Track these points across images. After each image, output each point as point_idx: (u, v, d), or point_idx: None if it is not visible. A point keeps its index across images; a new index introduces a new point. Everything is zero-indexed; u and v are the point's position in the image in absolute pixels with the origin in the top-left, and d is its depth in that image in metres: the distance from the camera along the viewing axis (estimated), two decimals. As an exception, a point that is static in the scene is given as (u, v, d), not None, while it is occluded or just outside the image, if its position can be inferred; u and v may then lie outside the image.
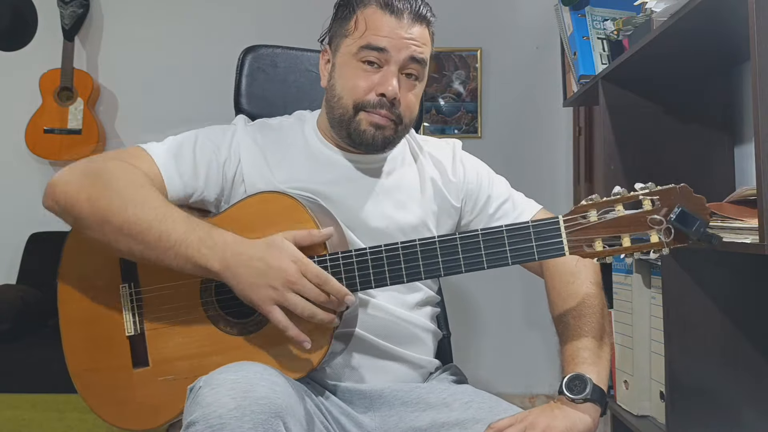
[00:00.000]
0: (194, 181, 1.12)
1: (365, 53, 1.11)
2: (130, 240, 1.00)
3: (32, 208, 3.08)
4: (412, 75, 1.14)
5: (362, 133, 1.13)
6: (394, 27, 1.11)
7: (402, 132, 1.17)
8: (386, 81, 1.10)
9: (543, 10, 3.00)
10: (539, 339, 3.00)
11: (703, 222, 0.93)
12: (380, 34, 1.10)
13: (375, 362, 1.13)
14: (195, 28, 3.21)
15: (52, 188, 1.06)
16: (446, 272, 1.01)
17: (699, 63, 1.69)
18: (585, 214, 0.98)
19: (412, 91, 1.15)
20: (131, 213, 0.99)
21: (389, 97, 1.10)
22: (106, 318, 1.12)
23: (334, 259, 1.02)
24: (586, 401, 1.00)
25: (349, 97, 1.13)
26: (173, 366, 1.07)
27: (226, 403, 0.85)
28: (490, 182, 1.27)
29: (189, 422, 0.86)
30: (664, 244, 0.95)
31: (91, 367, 1.14)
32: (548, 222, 0.99)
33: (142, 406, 1.10)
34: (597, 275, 1.15)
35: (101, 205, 1.01)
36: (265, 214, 1.07)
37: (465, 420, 1.04)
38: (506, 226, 1.00)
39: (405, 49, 1.11)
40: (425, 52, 1.14)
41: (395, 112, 1.13)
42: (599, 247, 0.97)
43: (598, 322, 1.08)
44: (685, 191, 0.95)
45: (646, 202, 0.96)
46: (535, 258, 0.99)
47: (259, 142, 1.18)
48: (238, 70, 1.48)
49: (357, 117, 1.13)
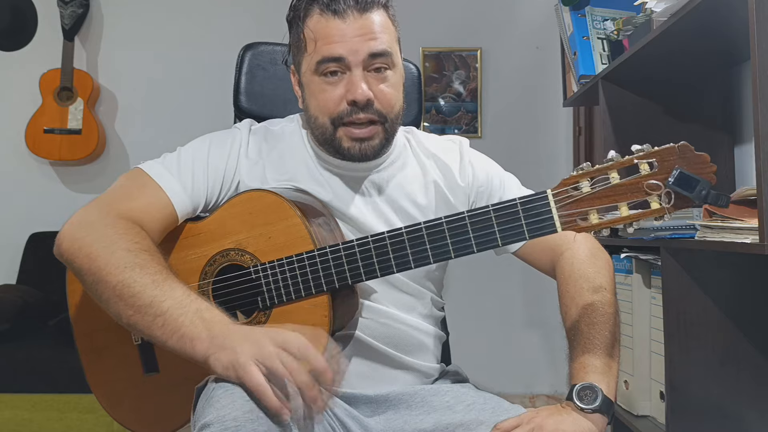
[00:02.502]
0: (198, 193, 1.11)
1: (324, 66, 1.06)
2: (120, 303, 0.95)
3: (32, 208, 3.13)
4: (381, 68, 1.08)
5: (347, 150, 1.09)
6: (342, 29, 1.05)
7: (391, 128, 1.12)
8: (353, 87, 1.05)
9: (543, 10, 3.01)
10: (539, 339, 3.00)
11: (705, 182, 0.86)
12: (331, 42, 1.05)
13: (383, 371, 1.12)
14: (195, 27, 3.20)
15: (60, 240, 1.03)
16: (435, 259, 0.98)
17: (699, 63, 1.69)
18: (576, 185, 0.91)
19: (386, 83, 1.08)
20: (128, 275, 0.95)
21: (361, 103, 1.06)
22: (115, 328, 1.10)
23: (323, 254, 1.01)
24: (595, 412, 0.98)
25: (324, 115, 1.09)
26: (183, 370, 1.06)
27: (242, 405, 0.84)
28: (501, 183, 1.23)
29: (204, 423, 0.84)
30: (665, 210, 0.88)
31: (109, 379, 1.14)
32: (536, 197, 0.93)
33: (157, 412, 1.11)
34: (611, 282, 1.11)
35: (98, 264, 0.97)
36: (250, 212, 1.06)
37: (469, 422, 1.03)
38: (493, 206, 0.95)
39: (361, 48, 1.05)
40: (385, 41, 1.07)
41: (373, 110, 1.08)
42: (594, 220, 0.90)
43: (610, 331, 1.05)
44: (685, 149, 0.87)
45: (643, 166, 0.88)
46: (526, 237, 0.94)
47: (264, 153, 1.16)
48: (238, 68, 1.48)
49: (337, 134, 1.09)
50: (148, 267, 0.96)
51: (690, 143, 0.90)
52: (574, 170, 0.93)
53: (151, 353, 1.11)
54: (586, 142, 2.85)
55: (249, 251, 1.06)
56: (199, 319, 0.90)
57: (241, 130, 1.19)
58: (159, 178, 1.09)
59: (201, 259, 1.09)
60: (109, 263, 0.96)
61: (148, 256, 0.97)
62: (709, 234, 1.25)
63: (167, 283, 0.94)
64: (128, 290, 0.94)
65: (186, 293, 0.94)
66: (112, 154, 3.19)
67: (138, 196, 1.07)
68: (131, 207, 1.05)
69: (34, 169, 3.16)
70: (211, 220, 1.10)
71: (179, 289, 0.94)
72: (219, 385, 0.88)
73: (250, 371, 0.84)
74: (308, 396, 0.86)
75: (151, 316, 0.92)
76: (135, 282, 0.94)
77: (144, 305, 0.93)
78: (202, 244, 1.10)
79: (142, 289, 0.93)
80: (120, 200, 1.07)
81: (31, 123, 3.05)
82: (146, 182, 1.09)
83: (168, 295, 0.92)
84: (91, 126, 3.06)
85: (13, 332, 2.58)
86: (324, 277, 1.02)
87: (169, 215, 1.08)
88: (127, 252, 0.97)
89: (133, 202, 1.06)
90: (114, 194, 1.09)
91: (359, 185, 1.16)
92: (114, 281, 0.95)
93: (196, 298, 0.93)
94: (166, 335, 0.91)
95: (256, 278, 1.05)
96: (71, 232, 1.02)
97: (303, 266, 1.02)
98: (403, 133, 1.23)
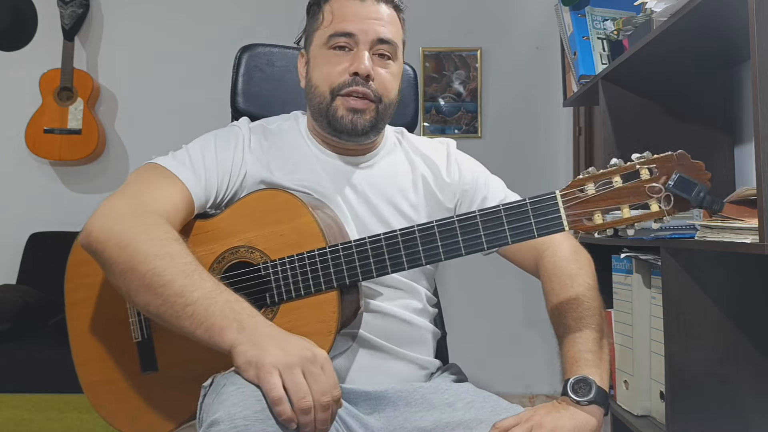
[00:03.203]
0: (210, 184, 1.13)
1: (335, 40, 1.14)
2: (149, 292, 0.95)
3: (32, 208, 3.13)
4: (385, 55, 1.16)
5: (340, 119, 1.14)
6: (359, 10, 1.15)
7: (384, 112, 1.17)
8: (357, 60, 1.13)
9: (543, 10, 3.01)
10: (539, 339, 3.00)
11: (703, 186, 0.92)
12: (346, 20, 1.14)
13: (380, 363, 1.14)
14: (194, 27, 3.21)
15: (88, 230, 1.03)
16: (446, 256, 1.01)
17: (699, 63, 1.69)
18: (582, 188, 0.97)
19: (387, 69, 1.17)
20: (158, 264, 0.95)
21: (362, 74, 1.13)
22: (113, 326, 1.12)
23: (334, 251, 1.03)
24: (591, 404, 1.00)
25: (325, 84, 1.15)
26: (183, 369, 1.07)
27: (252, 404, 0.83)
28: (486, 183, 1.27)
29: (212, 420, 0.84)
30: (664, 212, 0.94)
31: (102, 379, 1.13)
32: (545, 198, 0.98)
33: (154, 411, 1.10)
34: (594, 277, 1.15)
35: (129, 252, 0.98)
36: (264, 210, 1.08)
37: (468, 420, 1.04)
38: (504, 205, 1.00)
39: (372, 29, 1.14)
40: (392, 32, 1.17)
41: (371, 87, 1.14)
42: (599, 220, 0.97)
43: (597, 324, 1.08)
44: (683, 157, 0.94)
45: (644, 171, 0.95)
46: (535, 235, 0.99)
47: (265, 148, 1.19)
48: (235, 69, 1.48)
49: (334, 103, 1.15)
50: (179, 257, 0.97)
51: (690, 143, 0.95)
52: (581, 173, 0.98)
53: (150, 351, 1.11)
54: (586, 142, 2.85)
55: (259, 249, 1.07)
56: (229, 309, 0.91)
57: (240, 126, 1.22)
58: (176, 169, 1.11)
59: (210, 256, 1.09)
60: (139, 251, 0.97)
61: (178, 246, 0.98)
62: (709, 234, 1.25)
63: (197, 274, 0.95)
64: (159, 279, 0.94)
65: (216, 284, 0.95)
66: (112, 154, 3.19)
67: (159, 187, 1.09)
68: (156, 197, 1.07)
69: (34, 169, 3.16)
70: (221, 218, 1.11)
71: (209, 280, 0.95)
72: (231, 382, 0.88)
73: (271, 381, 0.84)
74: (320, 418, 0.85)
75: (180, 305, 0.93)
76: (165, 271, 0.95)
77: (174, 294, 0.93)
78: (211, 241, 1.10)
79: (172, 278, 0.94)
80: (144, 191, 1.08)
81: (31, 123, 3.05)
82: (164, 174, 1.11)
83: (198, 285, 0.93)
84: (91, 126, 3.06)
85: (13, 332, 2.58)
86: (335, 274, 1.03)
87: (188, 206, 1.10)
88: (157, 241, 0.98)
89: (156, 192, 1.08)
90: (136, 186, 1.10)
91: (351, 178, 1.19)
92: (144, 270, 0.95)
93: (226, 290, 0.94)
94: (195, 324, 0.92)
95: (265, 275, 1.06)
96: (100, 223, 1.03)
97: (314, 263, 1.04)
98: (394, 132, 1.30)
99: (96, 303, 1.14)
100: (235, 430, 0.81)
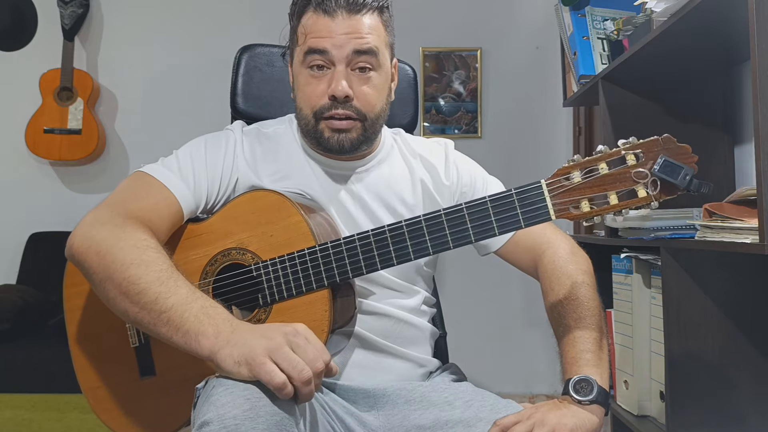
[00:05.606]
0: (200, 190, 1.13)
1: (310, 58, 1.12)
2: (125, 300, 0.96)
3: (32, 208, 3.13)
4: (365, 68, 1.12)
5: (327, 140, 1.13)
6: (330, 26, 1.10)
7: (371, 128, 1.15)
8: (334, 81, 1.10)
9: (543, 10, 3.01)
10: (539, 339, 3.00)
11: (689, 169, 0.91)
12: (319, 36, 1.11)
13: (378, 360, 1.14)
14: (194, 27, 3.21)
15: (71, 241, 1.05)
16: (434, 250, 1.01)
17: (699, 63, 1.69)
18: (568, 176, 0.96)
19: (368, 84, 1.13)
20: (133, 272, 0.96)
21: (339, 97, 1.10)
22: (110, 332, 1.12)
23: (324, 249, 1.03)
24: (592, 403, 1.00)
25: (308, 108, 1.14)
26: (180, 372, 1.07)
27: (241, 404, 0.84)
28: (485, 184, 1.27)
29: (203, 422, 0.84)
30: (651, 197, 0.93)
31: (102, 384, 1.14)
32: (531, 187, 0.98)
33: (154, 415, 1.10)
34: (592, 278, 1.15)
35: (107, 260, 0.99)
36: (254, 212, 1.08)
37: (468, 418, 1.04)
38: (490, 197, 0.99)
39: (346, 44, 1.10)
40: (371, 41, 1.11)
41: (353, 107, 1.12)
42: (586, 208, 0.96)
43: (597, 324, 1.08)
44: (668, 141, 0.93)
45: (630, 157, 0.94)
46: (522, 225, 0.99)
47: (258, 153, 1.19)
48: (235, 69, 1.48)
49: (319, 126, 1.13)
50: (154, 264, 0.97)
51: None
52: (567, 162, 0.97)
53: (148, 356, 1.11)
54: (586, 142, 2.85)
55: (250, 250, 1.07)
56: (204, 315, 0.91)
57: (233, 131, 1.22)
58: (163, 177, 1.11)
59: (202, 259, 1.10)
60: (116, 260, 0.98)
61: (155, 254, 0.99)
62: (709, 234, 1.25)
63: (172, 281, 0.95)
64: (134, 287, 0.95)
65: (191, 290, 0.95)
66: (112, 154, 3.19)
67: (145, 196, 1.09)
68: (140, 206, 1.07)
69: (34, 169, 3.16)
70: (213, 221, 1.11)
71: (184, 287, 0.95)
72: (219, 383, 0.89)
73: (268, 368, 0.85)
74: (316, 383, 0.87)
75: (156, 312, 0.93)
76: (140, 279, 0.95)
77: (150, 302, 0.94)
78: (203, 244, 1.10)
79: (147, 285, 0.95)
80: (128, 201, 1.09)
81: (31, 123, 3.05)
82: (151, 182, 1.11)
83: (173, 292, 0.94)
84: (91, 126, 3.06)
85: (13, 332, 2.58)
86: (325, 272, 1.03)
87: (176, 213, 1.10)
88: (134, 249, 0.98)
89: (141, 202, 1.08)
90: (122, 195, 1.11)
91: (348, 184, 1.19)
92: (120, 278, 0.96)
93: (201, 296, 0.95)
94: (171, 331, 0.92)
95: (257, 276, 1.06)
96: (82, 233, 1.04)
97: (304, 262, 1.04)
98: (391, 134, 1.28)
99: (93, 309, 1.14)
100: (225, 430, 0.82)
